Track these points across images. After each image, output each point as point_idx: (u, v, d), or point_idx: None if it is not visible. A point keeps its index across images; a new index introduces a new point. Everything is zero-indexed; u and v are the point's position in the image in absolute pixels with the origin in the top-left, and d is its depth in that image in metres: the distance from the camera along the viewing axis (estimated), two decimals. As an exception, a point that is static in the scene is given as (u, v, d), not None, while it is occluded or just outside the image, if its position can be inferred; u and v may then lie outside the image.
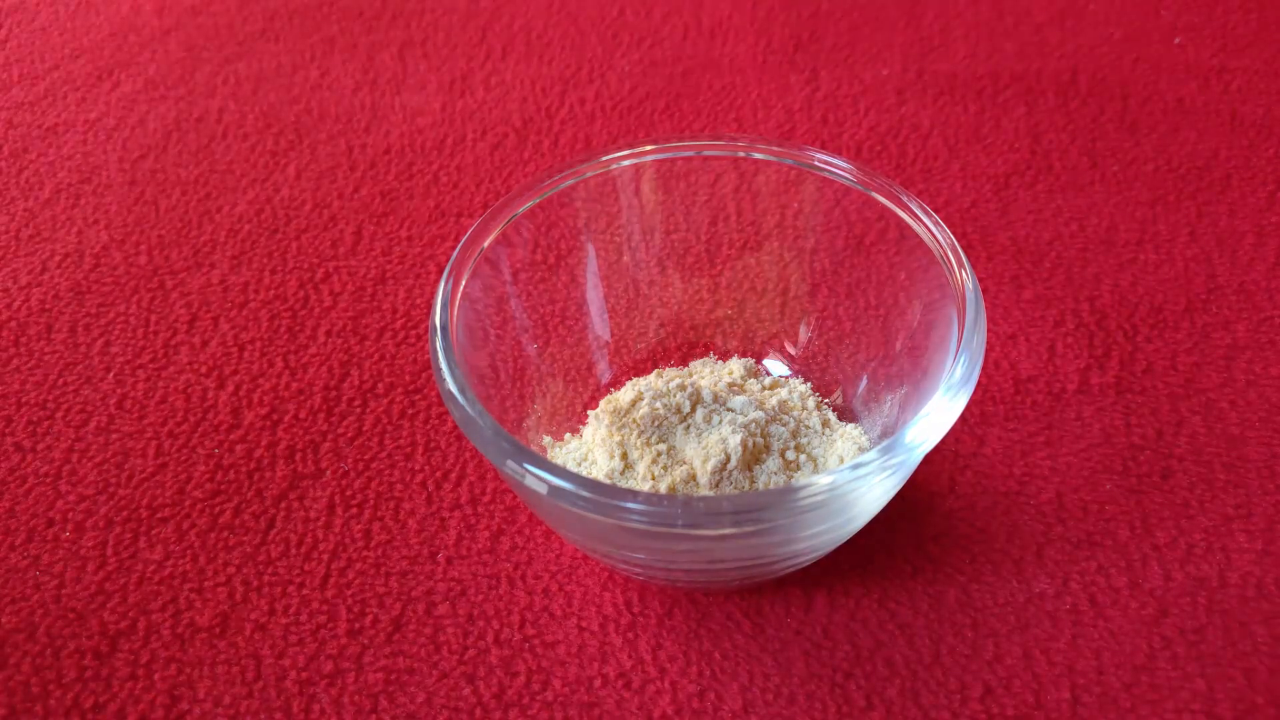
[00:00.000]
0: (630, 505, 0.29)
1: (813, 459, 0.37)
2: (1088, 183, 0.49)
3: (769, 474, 0.36)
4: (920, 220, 0.36)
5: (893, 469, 0.30)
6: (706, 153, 0.39)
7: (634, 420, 0.37)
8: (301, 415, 0.42)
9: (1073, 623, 0.35)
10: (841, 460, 0.36)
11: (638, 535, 0.31)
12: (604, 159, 0.38)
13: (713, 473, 0.35)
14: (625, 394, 0.38)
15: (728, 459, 0.35)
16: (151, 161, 0.53)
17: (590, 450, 0.37)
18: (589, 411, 0.39)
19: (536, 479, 0.30)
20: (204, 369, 0.44)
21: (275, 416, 0.42)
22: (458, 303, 0.34)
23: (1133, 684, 0.33)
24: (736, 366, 0.40)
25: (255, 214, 0.50)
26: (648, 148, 0.39)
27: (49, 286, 0.47)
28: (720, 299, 0.42)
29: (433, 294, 0.33)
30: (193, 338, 0.45)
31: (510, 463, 0.30)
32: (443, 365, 0.32)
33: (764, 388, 0.39)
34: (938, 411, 0.30)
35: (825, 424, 0.38)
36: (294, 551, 0.37)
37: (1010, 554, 0.36)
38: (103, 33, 0.59)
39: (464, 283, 0.35)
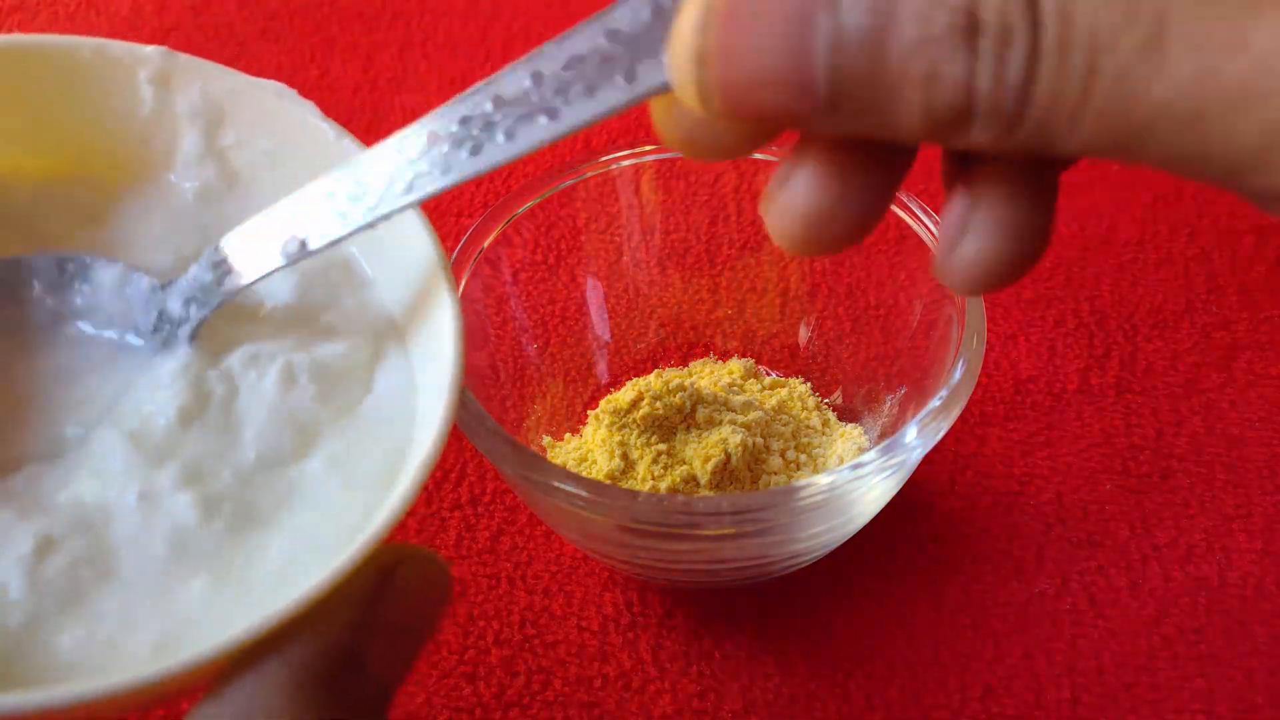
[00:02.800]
0: (630, 505, 0.30)
1: (813, 459, 0.37)
2: (1088, 183, 0.49)
3: (769, 474, 0.36)
4: (920, 220, 0.36)
5: (893, 469, 0.30)
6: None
7: (634, 420, 0.37)
8: (301, 415, 0.42)
9: (1073, 623, 0.35)
10: (841, 460, 0.36)
11: (638, 535, 0.31)
12: (604, 159, 0.38)
13: (713, 473, 0.35)
14: (625, 394, 0.38)
15: (728, 459, 0.35)
16: (151, 161, 0.53)
17: (590, 450, 0.37)
18: (589, 412, 0.39)
19: (536, 479, 0.30)
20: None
21: (275, 416, 0.42)
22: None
23: (1133, 684, 0.33)
24: (736, 366, 0.40)
25: (255, 214, 0.50)
26: (648, 148, 0.38)
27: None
28: (720, 299, 0.42)
29: (433, 294, 0.33)
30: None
31: (510, 463, 0.30)
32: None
33: (764, 388, 0.39)
34: (938, 411, 0.30)
35: (825, 424, 0.38)
36: (294, 551, 0.37)
37: (1010, 554, 0.36)
38: (102, 33, 0.59)
39: (464, 283, 0.35)
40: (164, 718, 0.33)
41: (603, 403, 0.38)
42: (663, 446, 0.36)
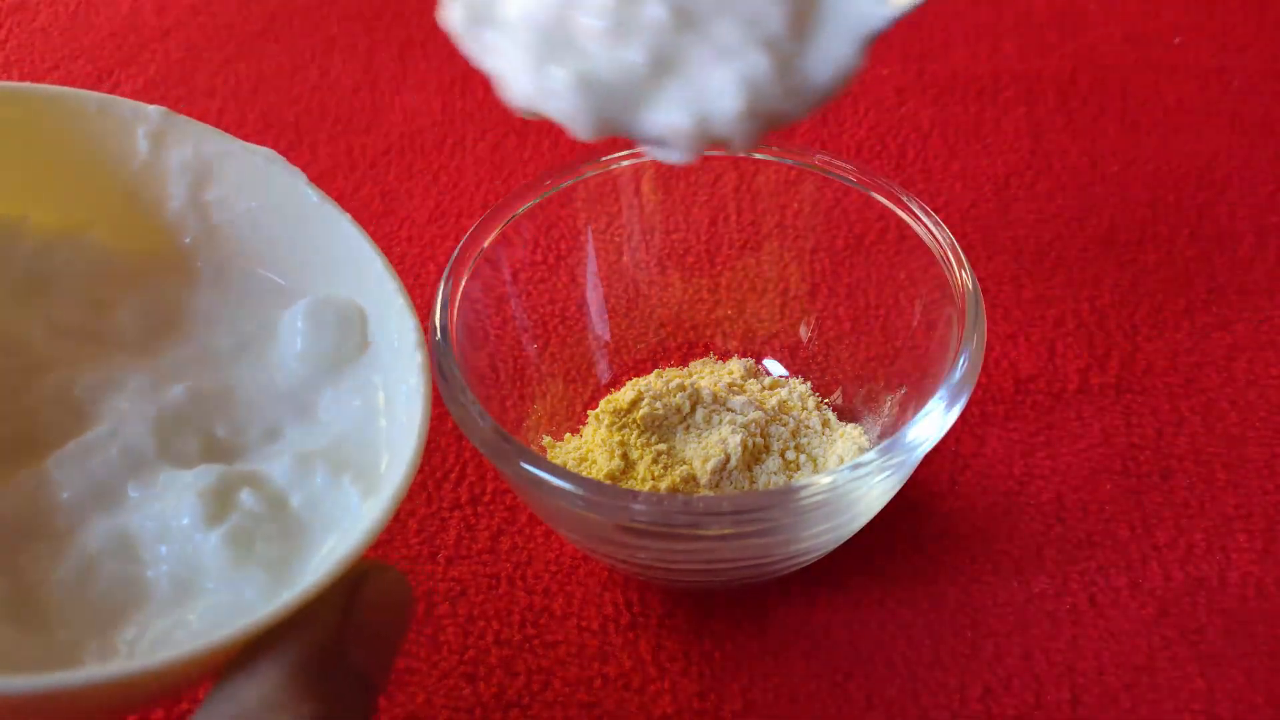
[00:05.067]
0: (630, 505, 0.30)
1: (813, 459, 0.37)
2: (1088, 183, 0.49)
3: (769, 474, 0.36)
4: (920, 220, 0.36)
5: (893, 469, 0.30)
6: (706, 153, 0.39)
7: (634, 420, 0.37)
8: (301, 415, 0.42)
9: (1073, 623, 0.35)
10: (841, 460, 0.36)
11: (638, 535, 0.31)
12: (604, 159, 0.38)
13: (713, 473, 0.35)
14: (625, 394, 0.38)
15: (727, 459, 0.35)
16: (151, 161, 0.53)
17: (590, 450, 0.37)
18: (589, 412, 0.39)
19: (536, 479, 0.30)
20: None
21: (275, 416, 0.42)
22: (458, 303, 0.34)
23: (1133, 684, 0.33)
24: (736, 366, 0.40)
25: (255, 214, 0.50)
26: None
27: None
28: (720, 299, 0.42)
29: (433, 294, 0.33)
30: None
31: (510, 463, 0.30)
32: (442, 365, 0.32)
33: (764, 388, 0.39)
34: (938, 411, 0.30)
35: (825, 424, 0.38)
36: (294, 551, 0.37)
37: (1010, 554, 0.36)
38: (103, 33, 0.59)
39: (464, 283, 0.35)
40: (164, 718, 0.33)
41: (603, 403, 0.38)
42: (663, 446, 0.36)
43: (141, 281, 0.29)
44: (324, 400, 0.28)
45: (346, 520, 0.25)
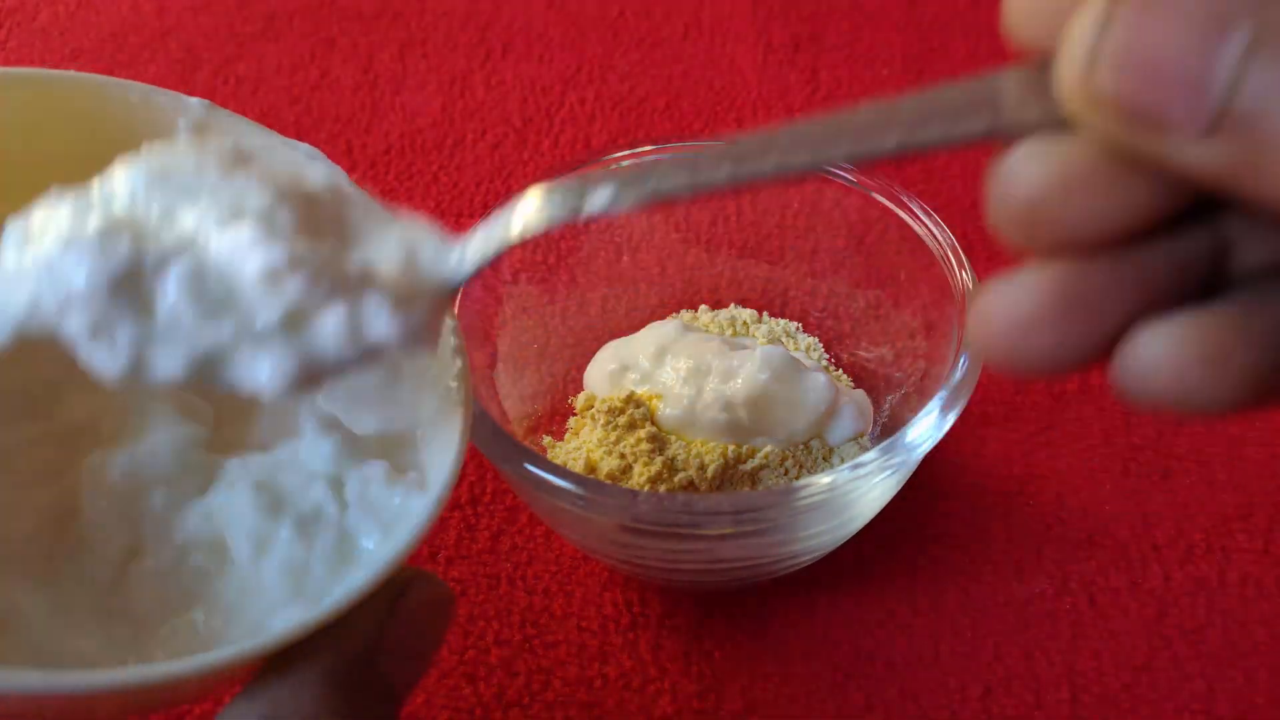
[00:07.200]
0: (631, 505, 0.30)
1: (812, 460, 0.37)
2: (1088, 183, 0.49)
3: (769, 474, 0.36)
4: (920, 220, 0.36)
5: (892, 469, 0.30)
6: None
7: (633, 420, 0.37)
8: (301, 415, 0.42)
9: (1073, 623, 0.35)
10: (842, 460, 0.36)
11: (638, 535, 0.31)
12: (604, 159, 0.38)
13: (713, 473, 0.35)
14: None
15: (727, 459, 0.35)
16: (151, 161, 0.53)
17: (590, 450, 0.37)
18: (587, 412, 0.39)
19: (537, 479, 0.30)
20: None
21: (275, 416, 0.42)
22: (458, 302, 0.34)
23: (1133, 684, 0.33)
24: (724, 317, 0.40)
25: (255, 214, 0.50)
26: (647, 148, 0.38)
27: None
28: (720, 299, 0.42)
29: (433, 294, 0.33)
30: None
31: (510, 462, 0.30)
32: (443, 365, 0.32)
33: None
34: (937, 412, 0.30)
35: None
36: (294, 551, 0.37)
37: (1010, 554, 0.36)
38: (103, 33, 0.59)
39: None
40: (169, 719, 0.33)
41: (601, 402, 0.38)
42: (659, 458, 0.36)
43: None
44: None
45: (390, 521, 0.25)
